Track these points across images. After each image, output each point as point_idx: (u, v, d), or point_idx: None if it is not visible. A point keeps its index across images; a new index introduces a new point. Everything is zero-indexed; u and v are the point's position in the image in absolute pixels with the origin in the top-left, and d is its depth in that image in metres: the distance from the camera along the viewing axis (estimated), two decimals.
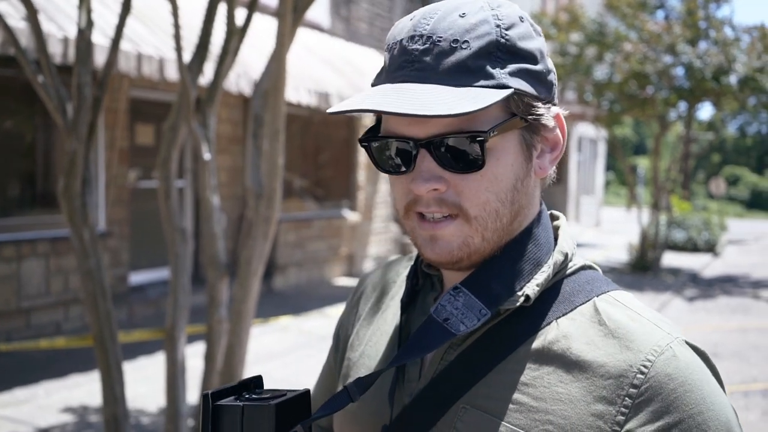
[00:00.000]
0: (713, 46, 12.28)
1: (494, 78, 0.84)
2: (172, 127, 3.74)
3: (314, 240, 10.70)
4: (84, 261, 3.45)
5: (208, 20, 3.75)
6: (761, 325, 9.21)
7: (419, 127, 0.85)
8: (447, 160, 0.85)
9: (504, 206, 0.88)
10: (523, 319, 0.89)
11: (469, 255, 0.89)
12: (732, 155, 52.33)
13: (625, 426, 0.81)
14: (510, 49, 0.85)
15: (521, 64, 0.86)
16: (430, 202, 0.87)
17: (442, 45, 0.83)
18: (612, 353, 0.84)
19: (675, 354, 0.83)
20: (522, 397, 0.85)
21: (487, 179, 0.86)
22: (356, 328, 1.10)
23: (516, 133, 0.87)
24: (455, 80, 0.83)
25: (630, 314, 0.88)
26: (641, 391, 0.81)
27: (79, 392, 5.44)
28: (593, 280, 0.93)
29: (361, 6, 11.52)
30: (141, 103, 8.29)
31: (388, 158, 0.89)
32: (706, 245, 17.16)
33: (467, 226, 0.87)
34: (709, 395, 0.82)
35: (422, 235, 0.89)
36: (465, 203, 0.86)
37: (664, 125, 14.07)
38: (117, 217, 7.94)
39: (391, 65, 0.87)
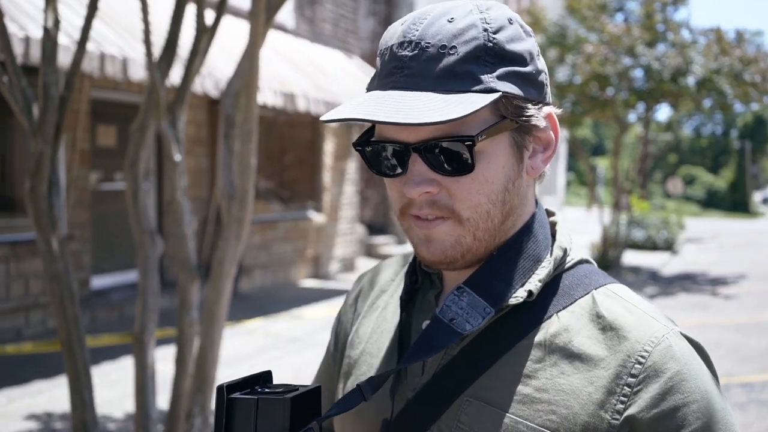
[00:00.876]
0: (671, 48, 12.52)
1: (482, 82, 0.85)
2: (140, 128, 3.69)
3: (280, 242, 10.64)
4: (51, 265, 3.38)
5: (175, 20, 3.71)
6: (721, 321, 9.41)
7: (410, 132, 0.86)
8: (438, 164, 0.86)
9: (495, 207, 0.89)
10: (525, 313, 0.91)
11: (463, 254, 0.90)
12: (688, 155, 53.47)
13: (624, 414, 0.83)
14: (498, 52, 0.86)
15: (510, 67, 0.87)
16: (422, 205, 0.88)
17: (430, 51, 0.84)
18: (611, 345, 0.87)
19: (671, 344, 0.86)
20: (525, 388, 0.87)
21: (478, 182, 0.87)
22: (355, 326, 1.10)
23: (506, 135, 0.88)
24: (443, 86, 0.84)
25: (627, 306, 0.90)
26: (639, 380, 0.84)
27: (42, 399, 5.33)
28: (591, 274, 0.95)
29: (325, 7, 11.50)
30: (102, 104, 8.16)
31: (382, 161, 0.90)
32: (665, 244, 17.48)
33: (459, 227, 0.89)
34: (703, 385, 0.85)
35: (417, 235, 0.91)
36: (457, 206, 0.88)
37: (624, 126, 14.30)
38: (78, 220, 7.80)
39: (382, 71, 0.89)
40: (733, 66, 11.86)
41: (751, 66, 11.97)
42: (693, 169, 48.59)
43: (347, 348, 1.09)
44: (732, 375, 6.80)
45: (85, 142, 7.82)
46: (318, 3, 11.30)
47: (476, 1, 0.90)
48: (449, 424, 0.89)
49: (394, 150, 0.88)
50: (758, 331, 8.78)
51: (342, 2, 11.92)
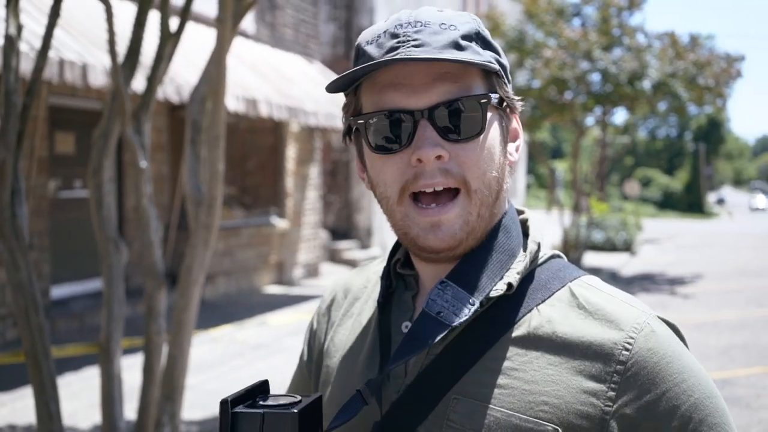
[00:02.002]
0: (627, 52, 12.76)
1: (482, 56, 0.90)
2: (104, 135, 3.64)
3: (243, 248, 10.58)
4: (14, 274, 3.32)
5: (138, 26, 3.68)
6: (679, 320, 9.56)
7: (420, 97, 0.88)
8: (448, 130, 0.89)
9: (494, 181, 0.92)
10: (505, 308, 0.93)
11: (468, 235, 0.92)
12: (644, 158, 54.45)
13: (617, 401, 0.85)
14: (485, 40, 0.93)
15: (495, 54, 0.94)
16: (435, 173, 0.89)
17: (433, 26, 0.89)
18: (595, 333, 0.88)
19: (653, 329, 0.89)
20: (514, 381, 0.88)
21: (484, 149, 0.91)
22: (330, 334, 1.10)
23: (497, 113, 0.93)
24: (451, 54, 0.88)
25: (604, 296, 0.93)
26: (628, 366, 0.86)
27: (5, 411, 5.22)
28: (564, 268, 0.98)
29: (286, 12, 11.48)
30: (61, 111, 8.03)
31: (384, 135, 0.90)
32: (623, 245, 17.77)
33: (467, 201, 0.91)
34: (688, 363, 0.88)
35: (420, 224, 0.91)
36: (467, 174, 0.90)
37: (582, 129, 14.53)
38: (37, 228, 7.65)
39: (380, 51, 0.90)
40: (687, 70, 12.13)
41: (704, 69, 12.25)
42: (649, 171, 49.51)
43: (324, 357, 1.09)
44: None
45: (43, 149, 7.69)
46: (278, 8, 11.28)
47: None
48: (437, 423, 0.89)
49: (398, 121, 0.89)
50: (716, 330, 8.97)
51: (302, 7, 11.91)
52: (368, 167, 0.96)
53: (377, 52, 0.89)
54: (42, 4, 6.20)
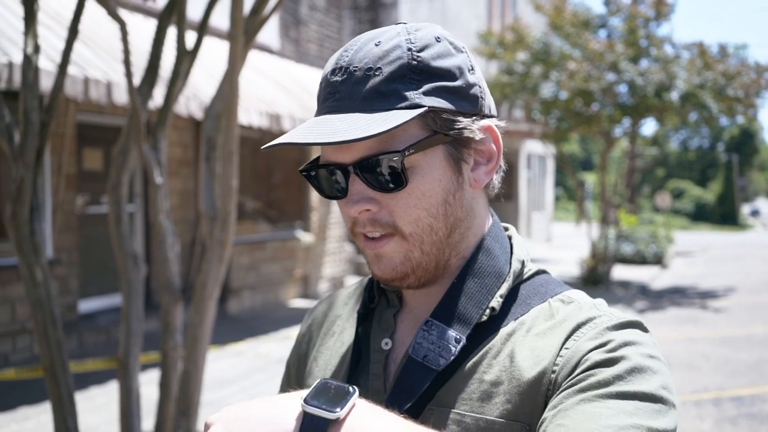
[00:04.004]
0: (654, 63, 12.63)
1: (407, 99, 0.87)
2: (122, 151, 3.69)
3: (268, 262, 10.62)
4: (33, 290, 3.36)
5: (157, 43, 3.72)
6: (710, 334, 9.42)
7: (345, 153, 0.89)
8: (374, 181, 0.89)
9: (437, 221, 0.91)
10: (485, 323, 0.93)
11: (413, 269, 0.92)
12: (676, 169, 53.78)
13: (556, 381, 0.84)
14: (423, 69, 0.89)
15: (437, 82, 0.89)
16: (365, 223, 0.91)
17: (357, 74, 0.88)
18: (558, 335, 0.89)
19: (614, 325, 0.87)
20: (482, 385, 0.89)
21: (416, 196, 0.90)
22: (312, 354, 1.11)
23: (440, 149, 0.90)
24: (370, 106, 0.87)
25: (578, 305, 0.93)
26: (571, 350, 0.85)
27: (29, 425, 5.28)
28: (547, 283, 0.97)
29: (310, 28, 11.56)
30: (88, 128, 8.16)
31: (329, 185, 0.93)
32: (654, 258, 17.53)
33: (405, 243, 0.91)
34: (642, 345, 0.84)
35: (369, 254, 0.94)
36: (398, 221, 0.90)
37: (610, 141, 14.39)
38: (65, 244, 7.76)
39: (319, 98, 0.93)
40: (716, 81, 11.98)
41: (734, 80, 12.08)
42: (681, 183, 48.86)
43: (307, 377, 1.09)
44: (723, 389, 6.80)
45: (72, 165, 7.81)
46: (303, 24, 11.36)
47: (407, 25, 0.93)
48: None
49: (335, 172, 0.91)
50: (748, 345, 8.80)
51: (327, 23, 11.99)
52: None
53: (318, 101, 0.93)
54: (67, 21, 6.30)
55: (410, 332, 0.98)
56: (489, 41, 13.79)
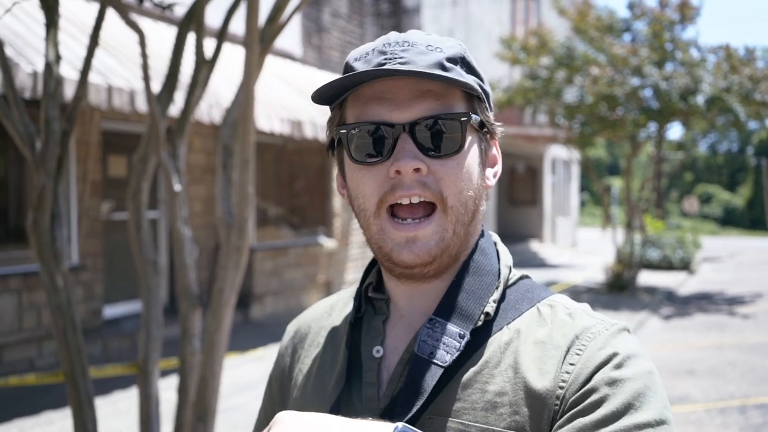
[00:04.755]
0: (680, 67, 12.50)
1: (465, 79, 0.91)
2: (142, 159, 3.73)
3: (291, 268, 10.66)
4: (54, 296, 3.41)
5: (177, 51, 3.76)
6: (737, 341, 9.29)
7: (403, 111, 0.90)
8: (427, 144, 0.90)
9: (471, 200, 0.93)
10: (479, 329, 0.94)
11: (443, 251, 0.92)
12: (704, 173, 53.08)
13: (563, 398, 0.86)
14: (470, 65, 0.95)
15: (478, 79, 0.95)
16: (413, 185, 0.90)
17: (419, 47, 0.91)
18: (555, 343, 0.90)
19: (612, 333, 0.90)
20: (486, 395, 0.89)
21: (462, 168, 0.92)
22: (297, 367, 1.11)
23: (476, 137, 0.95)
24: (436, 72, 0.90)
25: (568, 311, 0.95)
26: (578, 367, 0.86)
27: (53, 429, 5.35)
28: (533, 288, 1.00)
29: (332, 35, 11.61)
30: (113, 135, 8.26)
31: (366, 146, 0.92)
32: (681, 263, 17.33)
33: (443, 218, 0.91)
34: (644, 365, 0.87)
35: (396, 239, 0.92)
36: (444, 189, 0.91)
37: (635, 146, 14.26)
38: (90, 250, 7.86)
39: (366, 67, 0.92)
40: (742, 84, 11.82)
41: (761, 84, 11.91)
42: (709, 187, 48.22)
43: (293, 390, 1.09)
44: (748, 396, 6.70)
45: (97, 172, 7.91)
46: (325, 31, 11.42)
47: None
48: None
49: (381, 134, 0.90)
50: None
51: (349, 30, 12.04)
52: (348, 180, 0.97)
53: (364, 68, 0.92)
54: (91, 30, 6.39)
55: (401, 338, 0.98)
56: (512, 46, 13.74)
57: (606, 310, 11.12)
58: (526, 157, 22.41)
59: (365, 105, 0.92)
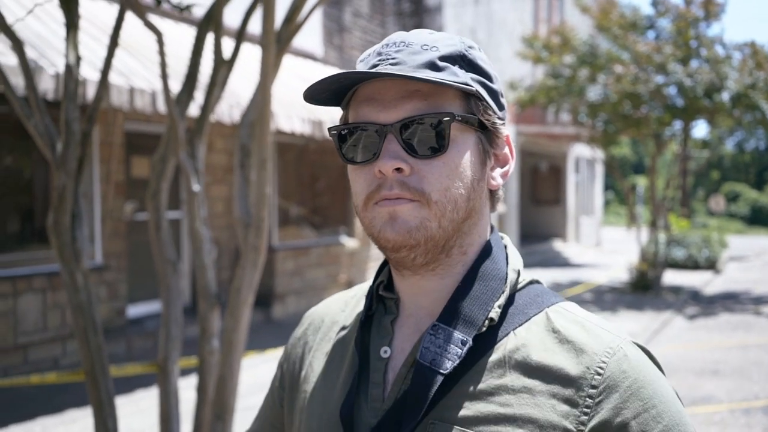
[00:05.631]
0: (704, 64, 12.35)
1: (459, 77, 0.92)
2: (162, 159, 3.76)
3: (313, 268, 10.69)
4: (74, 295, 3.44)
5: (196, 51, 3.78)
6: (763, 341, 9.16)
7: (390, 112, 0.91)
8: (412, 145, 0.90)
9: (461, 198, 0.92)
10: (484, 333, 0.94)
11: (426, 240, 0.92)
12: (731, 172, 52.40)
13: (588, 424, 0.86)
14: (471, 62, 0.94)
15: (482, 77, 0.95)
16: (393, 185, 0.91)
17: (414, 47, 0.92)
18: (569, 357, 0.90)
19: (626, 354, 0.90)
20: (489, 406, 0.89)
21: (449, 167, 0.91)
22: (308, 359, 1.11)
23: (474, 135, 0.94)
24: (424, 73, 0.90)
25: (579, 321, 0.94)
26: (600, 390, 0.87)
27: (76, 427, 5.40)
28: (542, 293, 0.98)
29: (354, 35, 11.62)
30: (136, 136, 8.34)
31: (355, 146, 0.94)
32: (706, 262, 17.12)
33: (426, 210, 0.91)
34: (660, 389, 0.89)
35: (381, 217, 0.92)
36: (427, 187, 0.91)
37: (660, 144, 14.12)
38: (114, 250, 7.94)
39: (363, 69, 0.94)
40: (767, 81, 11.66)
41: None
42: (736, 186, 47.59)
43: (301, 383, 1.09)
44: None
45: (120, 173, 7.99)
46: (346, 31, 11.43)
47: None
48: None
49: (369, 134, 0.92)
50: None
51: (370, 29, 12.04)
52: (349, 177, 0.99)
53: (363, 69, 0.94)
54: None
55: (408, 339, 0.98)
56: (534, 45, 13.66)
57: (630, 309, 11.02)
58: (549, 156, 22.28)
59: (359, 106, 0.94)
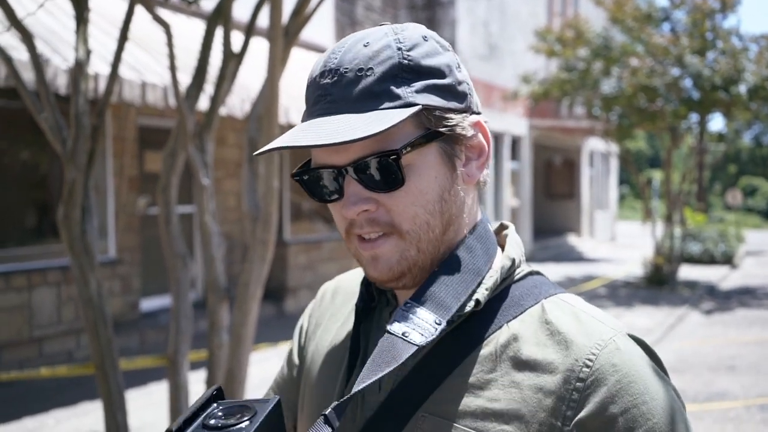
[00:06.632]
0: (721, 56, 12.23)
1: (401, 98, 0.87)
2: (171, 154, 3.76)
3: (325, 262, 10.70)
4: (84, 289, 3.46)
5: (205, 45, 3.78)
6: None
7: (340, 155, 0.89)
8: (370, 182, 0.89)
9: (434, 217, 0.91)
10: (475, 325, 0.92)
11: (409, 268, 0.92)
12: (748, 165, 51.92)
13: (573, 420, 0.84)
14: (413, 68, 0.89)
15: (428, 80, 0.89)
16: (363, 224, 0.91)
17: (349, 76, 0.88)
18: (559, 350, 0.87)
19: (618, 347, 0.86)
20: (477, 400, 0.88)
21: (413, 194, 0.89)
22: (316, 338, 1.12)
23: (434, 146, 0.90)
24: (364, 106, 0.87)
25: (575, 312, 0.91)
26: (587, 384, 0.84)
27: (89, 420, 5.44)
28: (540, 284, 0.96)
29: (365, 28, 11.59)
30: (149, 131, 8.36)
31: (321, 188, 0.93)
32: (723, 257, 16.99)
33: (402, 241, 0.91)
34: (653, 385, 0.85)
35: (364, 256, 0.93)
36: (396, 219, 0.90)
37: (676, 137, 14.00)
38: (127, 244, 7.98)
39: (308, 102, 0.93)
40: None
41: None
42: (754, 180, 47.16)
43: (306, 360, 1.11)
44: None
45: (133, 168, 8.02)
46: (358, 24, 11.41)
47: (393, 25, 0.93)
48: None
49: (329, 175, 0.91)
50: None
51: (383, 23, 12.01)
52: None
53: (307, 104, 0.92)
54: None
55: None
56: (547, 38, 13.58)
57: (645, 305, 10.95)
58: (563, 150, 22.17)
59: (313, 149, 0.92)
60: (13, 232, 7.25)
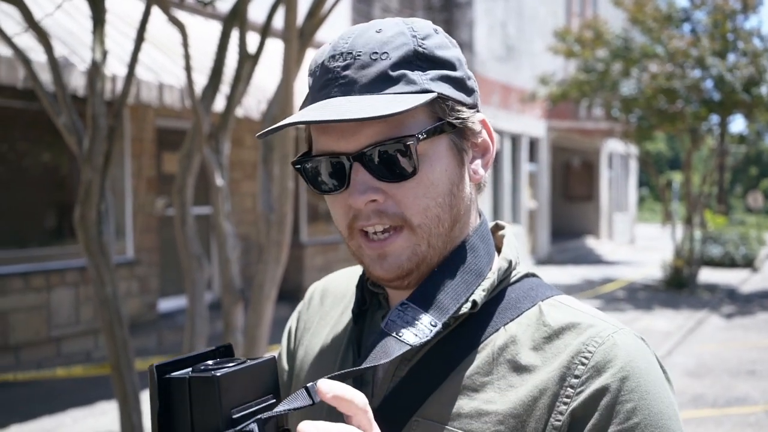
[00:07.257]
0: (742, 57, 12.10)
1: (417, 83, 0.85)
2: (187, 155, 3.77)
3: (341, 263, 10.70)
4: (100, 289, 3.48)
5: (221, 47, 3.79)
6: None
7: (349, 141, 0.85)
8: (381, 171, 0.85)
9: (444, 211, 0.88)
10: (472, 327, 0.90)
11: (418, 264, 0.89)
12: None
13: (566, 413, 0.82)
14: (428, 57, 0.87)
15: (441, 70, 0.88)
16: (369, 215, 0.87)
17: (363, 58, 0.85)
18: (556, 350, 0.86)
19: (615, 342, 0.85)
20: (473, 402, 0.86)
21: (424, 185, 0.86)
22: (306, 340, 1.09)
23: (445, 138, 0.88)
24: (379, 89, 0.84)
25: (573, 312, 0.90)
26: (582, 380, 0.83)
27: (105, 419, 5.47)
28: (537, 287, 0.94)
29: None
30: (167, 132, 8.40)
31: (323, 178, 0.89)
32: (743, 260, 16.80)
33: (413, 236, 0.87)
34: (646, 383, 0.83)
35: (369, 254, 0.89)
36: (407, 212, 0.86)
37: (696, 139, 13.86)
38: (146, 245, 8.02)
39: (314, 87, 0.89)
40: None
41: None
42: None
43: (295, 363, 1.09)
44: None
45: (151, 169, 8.06)
46: None
47: (402, 18, 0.91)
48: None
49: (334, 164, 0.87)
50: None
51: None
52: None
53: (312, 90, 0.89)
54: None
55: None
56: (566, 39, 13.50)
57: (665, 308, 10.85)
58: (581, 152, 22.03)
59: (317, 134, 0.89)
60: (33, 232, 7.31)
